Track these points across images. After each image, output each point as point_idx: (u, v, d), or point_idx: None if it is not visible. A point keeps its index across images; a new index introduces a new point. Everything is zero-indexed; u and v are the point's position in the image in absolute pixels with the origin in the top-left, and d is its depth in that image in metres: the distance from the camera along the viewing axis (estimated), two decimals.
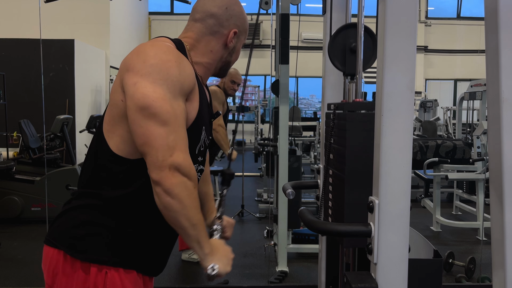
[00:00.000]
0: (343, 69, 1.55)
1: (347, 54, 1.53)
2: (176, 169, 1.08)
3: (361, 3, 1.48)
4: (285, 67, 3.45)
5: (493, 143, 1.13)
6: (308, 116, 12.58)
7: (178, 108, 1.13)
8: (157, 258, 1.30)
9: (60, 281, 1.20)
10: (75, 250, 1.19)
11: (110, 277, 1.18)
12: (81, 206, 1.22)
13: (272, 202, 4.58)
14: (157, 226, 1.24)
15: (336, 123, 1.46)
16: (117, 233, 1.20)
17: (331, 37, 1.55)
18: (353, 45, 1.51)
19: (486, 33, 1.14)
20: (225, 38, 1.31)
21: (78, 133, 6.50)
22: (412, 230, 2.00)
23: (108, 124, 1.21)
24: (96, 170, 1.22)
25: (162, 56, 1.15)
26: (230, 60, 1.37)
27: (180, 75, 1.15)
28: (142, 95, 1.09)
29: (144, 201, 1.20)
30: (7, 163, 4.80)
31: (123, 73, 1.15)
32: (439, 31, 13.92)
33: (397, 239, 1.10)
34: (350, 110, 1.37)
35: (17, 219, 4.77)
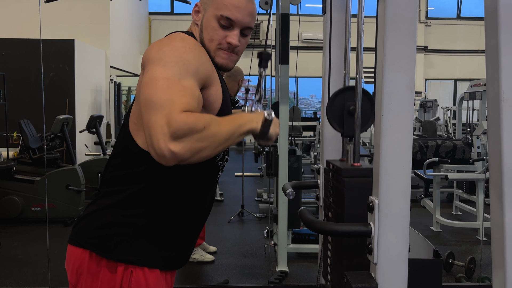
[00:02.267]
0: (341, 131, 1.57)
1: (345, 116, 1.55)
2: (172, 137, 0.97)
3: (361, 3, 1.48)
4: (285, 67, 3.45)
5: (493, 143, 1.13)
6: (308, 116, 12.58)
7: (186, 83, 1.05)
8: (181, 251, 1.30)
9: (85, 280, 1.20)
10: (102, 249, 1.19)
11: (135, 276, 1.18)
12: (106, 206, 1.22)
13: (272, 202, 4.58)
14: (180, 220, 1.25)
15: (335, 184, 1.49)
16: (141, 231, 1.20)
17: (330, 99, 1.58)
18: (351, 108, 1.53)
19: (486, 33, 1.14)
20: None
21: (78, 133, 6.50)
22: (412, 230, 2.00)
23: (136, 124, 1.20)
24: (122, 168, 1.22)
25: (176, 43, 1.13)
26: (202, 38, 1.24)
27: (194, 59, 1.11)
28: (150, 78, 1.04)
29: (168, 192, 1.20)
30: (7, 163, 4.80)
31: (142, 68, 1.13)
32: (439, 31, 13.92)
33: (397, 239, 1.10)
34: (348, 176, 1.39)
35: (17, 219, 4.77)
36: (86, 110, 7.55)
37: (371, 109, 1.54)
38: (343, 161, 1.58)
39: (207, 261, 3.74)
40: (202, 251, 3.80)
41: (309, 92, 15.51)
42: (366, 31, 1.51)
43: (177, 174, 1.20)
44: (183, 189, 1.23)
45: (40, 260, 3.72)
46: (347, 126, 1.54)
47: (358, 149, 1.49)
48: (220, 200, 6.04)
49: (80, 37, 7.65)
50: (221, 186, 6.44)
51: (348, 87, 1.59)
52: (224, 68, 1.27)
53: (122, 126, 1.26)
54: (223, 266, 3.71)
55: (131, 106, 1.26)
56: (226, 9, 1.20)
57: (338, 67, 1.82)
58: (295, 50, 3.85)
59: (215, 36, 1.23)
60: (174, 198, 1.22)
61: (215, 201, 1.45)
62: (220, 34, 1.22)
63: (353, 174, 1.39)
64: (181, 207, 1.24)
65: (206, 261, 3.74)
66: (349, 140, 1.55)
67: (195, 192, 1.27)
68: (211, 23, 1.22)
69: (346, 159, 1.54)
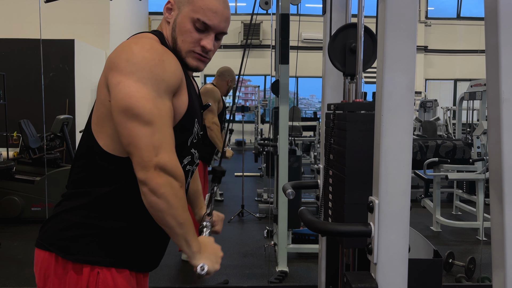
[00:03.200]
0: (343, 69, 1.55)
1: (347, 55, 1.53)
2: (161, 169, 1.08)
3: (361, 3, 1.48)
4: (285, 67, 3.45)
5: (493, 143, 1.13)
6: (308, 116, 12.59)
7: (163, 106, 1.11)
8: (150, 254, 1.29)
9: (52, 283, 1.19)
10: (66, 251, 1.18)
11: (102, 277, 1.18)
12: (71, 208, 1.21)
13: (272, 202, 4.58)
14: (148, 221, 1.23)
15: (336, 124, 1.46)
16: (108, 233, 1.20)
17: (331, 38, 1.55)
18: (353, 45, 1.51)
19: (486, 33, 1.14)
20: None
21: (78, 133, 6.50)
22: (412, 230, 2.00)
23: (96, 124, 1.20)
24: (86, 169, 1.22)
25: (146, 54, 1.12)
26: (175, 38, 1.22)
27: (164, 73, 1.12)
28: (125, 95, 1.08)
29: (134, 196, 1.19)
30: (7, 163, 4.80)
31: (108, 72, 1.13)
32: (439, 31, 13.93)
33: (397, 239, 1.10)
34: (350, 110, 1.37)
35: (17, 219, 4.77)
36: (86, 110, 7.55)
37: (373, 47, 1.52)
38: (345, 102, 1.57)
39: None
40: None
41: (309, 92, 15.53)
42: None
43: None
44: None
45: None
46: (349, 64, 1.52)
47: (360, 87, 1.47)
48: (220, 200, 6.04)
49: (80, 37, 7.65)
50: (221, 186, 6.44)
51: (349, 24, 1.56)
52: (194, 70, 1.27)
53: (86, 125, 1.26)
54: (223, 266, 3.68)
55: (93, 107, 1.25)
56: (203, 14, 1.19)
57: None
58: (295, 50, 3.86)
59: (189, 38, 1.21)
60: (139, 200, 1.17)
61: (215, 201, 1.45)
62: (194, 37, 1.21)
63: (355, 107, 1.37)
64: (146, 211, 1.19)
65: None
66: (350, 79, 1.53)
67: None
68: (186, 25, 1.20)
69: (348, 98, 1.53)
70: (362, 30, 1.44)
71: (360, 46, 1.44)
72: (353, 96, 1.50)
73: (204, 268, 1.17)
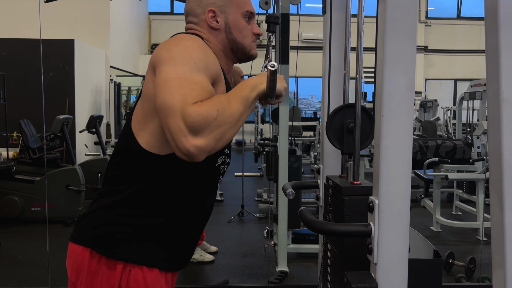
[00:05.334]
0: (341, 148, 1.57)
1: (344, 134, 1.56)
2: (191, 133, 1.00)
3: (361, 3, 1.48)
4: (285, 67, 3.45)
5: (493, 143, 1.13)
6: (308, 116, 12.58)
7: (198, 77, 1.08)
8: (181, 253, 1.30)
9: (85, 277, 1.21)
10: (102, 247, 1.20)
11: (133, 275, 1.19)
12: (107, 205, 1.23)
13: (272, 202, 4.58)
14: (182, 220, 1.25)
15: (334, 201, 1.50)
16: (142, 231, 1.21)
17: (329, 117, 1.59)
18: (350, 125, 1.54)
19: (486, 33, 1.14)
20: (206, 22, 1.29)
21: (78, 133, 6.50)
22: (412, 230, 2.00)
23: (139, 122, 1.21)
24: (122, 167, 1.23)
25: (185, 42, 1.15)
26: (233, 38, 1.30)
27: (204, 57, 1.13)
28: (163, 79, 1.06)
29: (169, 193, 1.21)
30: (7, 163, 4.80)
31: (154, 67, 1.14)
32: (439, 31, 13.93)
33: (397, 239, 1.10)
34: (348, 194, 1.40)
35: (17, 219, 4.77)
36: (86, 110, 7.55)
37: (371, 126, 1.55)
38: (343, 177, 1.59)
39: (207, 261, 3.74)
40: (202, 251, 3.80)
41: (309, 92, 15.52)
42: (366, 31, 1.51)
43: (178, 175, 1.20)
44: (184, 191, 1.23)
45: (40, 260, 3.72)
46: (347, 143, 1.55)
47: (358, 166, 1.49)
48: (220, 200, 6.04)
49: (80, 37, 7.65)
50: (221, 186, 6.44)
51: (347, 104, 1.60)
52: (254, 57, 1.36)
53: (125, 124, 1.27)
54: (223, 266, 3.71)
55: (135, 104, 1.26)
56: (247, 5, 1.30)
57: (338, 67, 1.82)
58: (295, 50, 3.86)
59: (247, 31, 1.31)
60: (175, 199, 1.22)
61: (215, 201, 1.45)
62: (249, 29, 1.31)
63: (353, 192, 1.40)
64: (181, 209, 1.24)
65: (206, 261, 3.74)
66: (348, 157, 1.55)
67: (196, 194, 1.27)
68: (240, 22, 1.30)
69: (346, 176, 1.55)
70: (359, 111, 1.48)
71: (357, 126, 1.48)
72: (351, 177, 1.51)
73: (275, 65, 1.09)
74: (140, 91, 1.24)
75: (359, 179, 1.48)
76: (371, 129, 1.54)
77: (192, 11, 1.31)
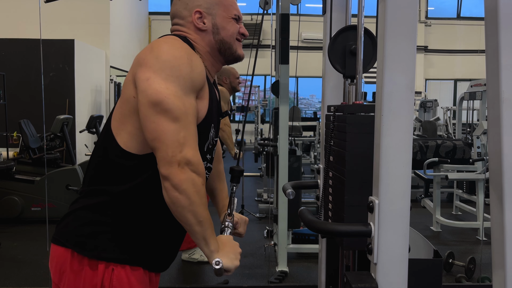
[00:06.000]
0: (343, 72, 1.55)
1: (347, 56, 1.52)
2: (185, 164, 1.10)
3: (361, 3, 1.48)
4: (285, 67, 3.45)
5: (493, 143, 1.13)
6: (308, 116, 12.58)
7: (189, 105, 1.14)
8: (164, 254, 1.31)
9: (68, 278, 1.21)
10: (83, 248, 1.20)
11: (116, 274, 1.19)
12: (88, 205, 1.23)
13: (272, 202, 4.58)
14: (164, 221, 1.25)
15: (336, 125, 1.46)
16: (123, 230, 1.21)
17: (331, 40, 1.55)
18: (353, 47, 1.51)
19: (486, 33, 1.14)
20: (193, 24, 1.30)
21: (78, 133, 6.50)
22: (412, 230, 2.00)
23: (117, 121, 1.21)
24: (103, 167, 1.23)
25: (175, 52, 1.16)
26: (221, 38, 1.31)
27: (191, 72, 1.16)
28: (154, 90, 1.10)
29: (150, 194, 1.21)
30: (7, 163, 4.80)
31: (136, 68, 1.16)
32: (439, 31, 13.93)
33: (397, 239, 1.10)
34: (350, 112, 1.37)
35: (17, 219, 4.77)
36: (86, 110, 7.55)
37: (373, 49, 1.52)
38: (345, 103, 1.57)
39: (207, 261, 3.74)
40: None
41: (309, 92, 15.52)
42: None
43: (158, 175, 1.19)
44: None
45: (40, 260, 3.72)
46: (349, 66, 1.52)
47: (360, 89, 1.48)
48: None
49: (80, 37, 7.65)
50: None
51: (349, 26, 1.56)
52: (241, 58, 1.38)
53: (105, 124, 1.28)
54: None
55: (114, 105, 1.27)
56: (234, 9, 1.33)
57: None
58: (295, 50, 3.85)
59: (234, 30, 1.33)
60: (156, 199, 1.21)
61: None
62: (236, 29, 1.34)
63: (355, 110, 1.37)
64: (162, 210, 1.22)
65: (206, 261, 3.74)
66: (350, 81, 1.54)
67: None
68: (228, 23, 1.32)
69: (348, 100, 1.53)
70: (362, 31, 1.44)
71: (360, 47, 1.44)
72: (353, 98, 1.49)
73: (219, 263, 1.18)
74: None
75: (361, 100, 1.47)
76: (374, 52, 1.52)
77: (178, 14, 1.32)
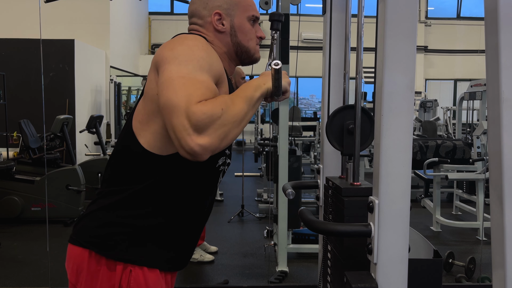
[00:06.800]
0: (341, 149, 1.57)
1: (344, 135, 1.55)
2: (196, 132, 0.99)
3: (361, 3, 1.48)
4: (285, 67, 3.45)
5: (493, 143, 1.13)
6: (308, 116, 12.58)
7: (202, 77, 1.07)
8: (181, 253, 1.30)
9: (85, 278, 1.21)
10: (101, 248, 1.20)
11: (134, 276, 1.19)
12: (106, 205, 1.22)
13: (272, 202, 4.58)
14: (181, 221, 1.25)
15: (334, 202, 1.49)
16: (141, 231, 1.21)
17: (329, 118, 1.58)
18: (350, 127, 1.53)
19: (486, 33, 1.14)
20: (212, 25, 1.29)
21: (78, 133, 6.50)
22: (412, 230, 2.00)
23: (141, 122, 1.20)
24: (123, 167, 1.22)
25: (189, 42, 1.15)
26: (238, 41, 1.30)
27: (207, 56, 1.13)
28: (166, 79, 1.06)
29: (169, 194, 1.20)
30: (7, 163, 4.80)
31: (157, 67, 1.14)
32: (439, 31, 13.93)
33: (397, 239, 1.10)
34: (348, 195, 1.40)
35: (17, 219, 4.77)
36: (86, 110, 7.55)
37: (371, 128, 1.54)
38: (343, 178, 1.59)
39: (207, 261, 3.74)
40: (202, 251, 3.80)
41: (309, 92, 15.52)
42: (366, 31, 1.51)
43: (179, 176, 1.20)
44: (184, 192, 1.23)
45: (40, 260, 3.72)
46: (347, 144, 1.55)
47: (358, 167, 1.49)
48: (220, 200, 6.04)
49: (80, 37, 7.65)
50: (221, 186, 6.44)
51: (347, 105, 1.60)
52: (257, 60, 1.37)
53: (125, 124, 1.26)
54: (223, 266, 3.71)
55: (136, 104, 1.26)
56: (252, 10, 1.32)
57: (338, 67, 1.82)
58: (295, 50, 3.85)
59: (252, 34, 1.32)
60: (174, 199, 1.22)
61: (215, 201, 1.45)
62: (254, 32, 1.33)
63: (353, 193, 1.40)
64: (180, 209, 1.24)
65: (206, 261, 3.74)
66: (348, 158, 1.55)
67: (196, 195, 1.27)
68: (246, 25, 1.31)
69: (346, 177, 1.55)
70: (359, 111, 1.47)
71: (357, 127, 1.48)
72: (351, 178, 1.50)
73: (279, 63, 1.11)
74: (142, 91, 1.24)
75: (359, 180, 1.48)
76: (371, 130, 1.54)
77: (197, 13, 1.31)
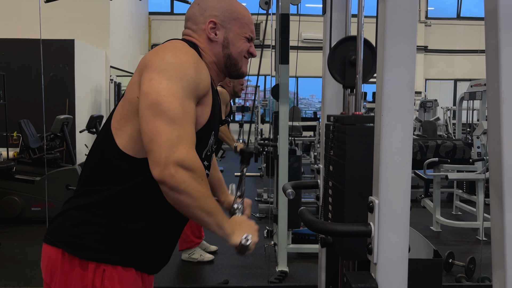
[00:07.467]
0: (342, 82, 1.55)
1: (346, 67, 1.53)
2: (179, 165, 1.06)
3: (361, 3, 1.48)
4: (285, 67, 3.45)
5: (493, 143, 1.13)
6: (308, 116, 12.58)
7: (188, 107, 1.12)
8: (157, 255, 1.30)
9: (59, 278, 1.21)
10: (74, 248, 1.19)
11: (108, 275, 1.18)
12: (81, 205, 1.22)
13: (272, 202, 4.58)
14: (157, 224, 1.24)
15: (336, 135, 1.46)
16: (116, 231, 1.20)
17: (331, 50, 1.55)
18: (352, 58, 1.52)
19: (486, 33, 1.14)
20: (205, 32, 1.29)
21: (78, 133, 6.50)
22: (412, 230, 2.00)
23: (119, 122, 1.21)
24: (99, 167, 1.22)
25: (182, 56, 1.16)
26: (229, 53, 1.31)
27: (196, 77, 1.15)
28: (154, 90, 1.09)
29: (144, 197, 1.20)
30: (7, 163, 4.80)
31: (142, 70, 1.15)
32: (439, 31, 13.92)
33: (397, 239, 1.10)
34: (350, 123, 1.37)
35: (17, 219, 4.77)
36: (86, 110, 7.55)
37: (373, 59, 1.52)
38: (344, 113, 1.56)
39: (207, 261, 3.74)
40: (202, 251, 3.80)
41: (309, 92, 15.51)
42: (366, 31, 1.51)
43: (153, 179, 1.18)
44: (159, 195, 1.19)
45: (40, 260, 3.71)
46: (349, 76, 1.53)
47: (360, 99, 1.48)
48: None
49: (80, 37, 7.65)
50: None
51: (349, 37, 1.57)
52: (244, 75, 1.39)
53: (105, 123, 1.27)
54: (223, 266, 3.71)
55: (115, 105, 1.26)
56: (249, 30, 1.34)
57: None
58: (295, 50, 3.85)
59: (244, 48, 1.34)
60: (150, 202, 1.20)
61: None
62: (246, 47, 1.34)
63: (355, 121, 1.37)
64: (156, 212, 1.22)
65: (205, 260, 3.74)
66: (350, 91, 1.54)
67: None
68: (240, 41, 1.32)
69: (347, 111, 1.53)
70: (361, 42, 1.45)
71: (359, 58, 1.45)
72: (352, 109, 1.49)
73: (249, 239, 1.16)
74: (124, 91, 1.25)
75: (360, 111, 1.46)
76: (373, 62, 1.51)
77: (193, 18, 1.31)
